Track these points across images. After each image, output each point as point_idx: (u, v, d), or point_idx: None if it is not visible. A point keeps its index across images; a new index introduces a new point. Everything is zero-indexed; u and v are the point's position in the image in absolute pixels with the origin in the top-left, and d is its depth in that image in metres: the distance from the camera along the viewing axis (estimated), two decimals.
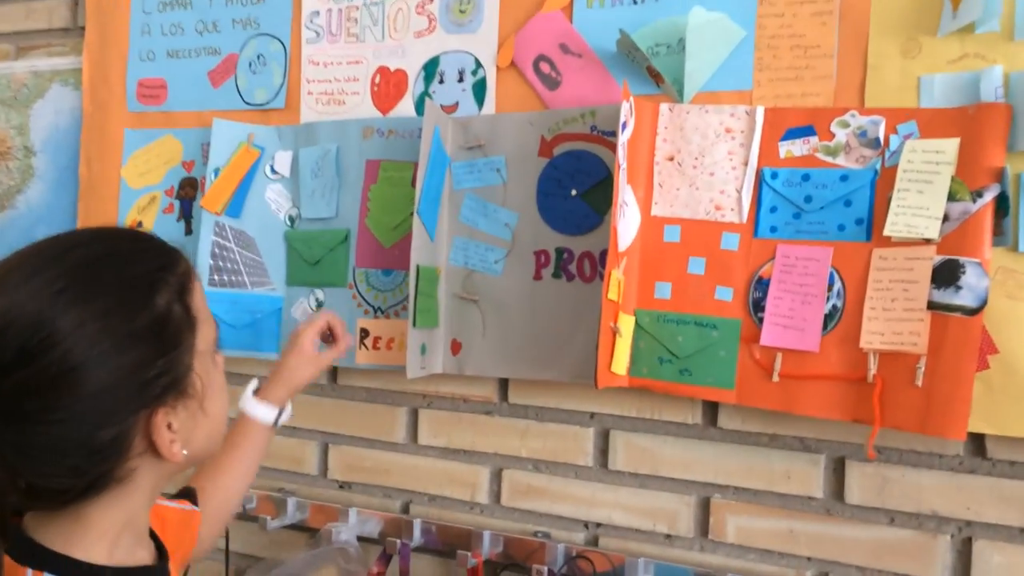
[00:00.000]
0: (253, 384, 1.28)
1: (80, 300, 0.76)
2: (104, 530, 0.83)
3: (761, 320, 1.29)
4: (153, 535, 0.93)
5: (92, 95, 1.84)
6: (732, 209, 1.32)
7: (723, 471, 1.36)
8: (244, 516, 1.67)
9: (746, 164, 1.31)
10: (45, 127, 1.93)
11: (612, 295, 1.28)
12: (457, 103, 1.51)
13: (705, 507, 1.38)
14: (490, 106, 1.49)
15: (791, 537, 1.32)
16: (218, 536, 1.24)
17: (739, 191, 1.31)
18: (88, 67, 1.84)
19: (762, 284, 1.29)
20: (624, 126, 1.28)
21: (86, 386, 0.75)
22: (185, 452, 0.84)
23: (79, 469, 0.78)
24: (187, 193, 1.73)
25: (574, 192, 1.41)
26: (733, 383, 1.31)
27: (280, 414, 1.27)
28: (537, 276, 1.44)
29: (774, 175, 1.29)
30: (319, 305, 1.60)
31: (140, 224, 1.77)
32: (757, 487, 1.34)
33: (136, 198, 1.78)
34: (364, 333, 1.56)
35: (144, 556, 0.89)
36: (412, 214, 1.39)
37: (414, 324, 1.38)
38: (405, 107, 1.56)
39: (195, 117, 1.73)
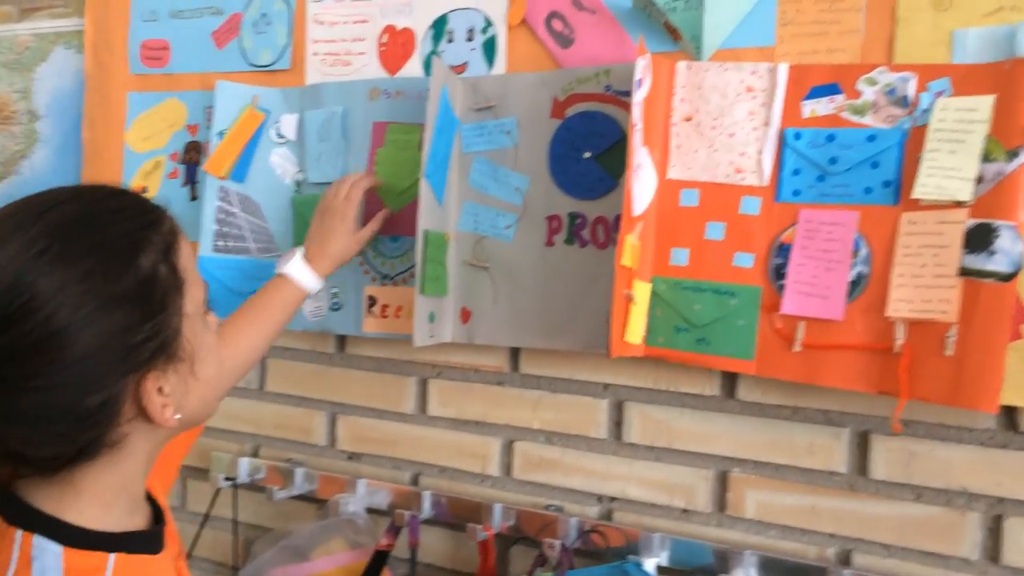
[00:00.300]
0: (299, 250, 1.34)
1: (61, 262, 0.74)
2: (97, 494, 0.82)
3: (782, 288, 1.24)
4: (150, 498, 0.92)
5: (95, 57, 1.80)
6: (753, 172, 1.26)
7: (742, 444, 1.32)
8: (252, 486, 1.65)
9: (768, 124, 1.25)
10: (49, 91, 1.90)
11: (626, 261, 1.24)
12: (466, 63, 1.46)
13: (723, 481, 1.34)
14: (501, 66, 1.44)
15: (813, 513, 1.28)
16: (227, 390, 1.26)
17: (760, 153, 1.26)
18: (90, 28, 1.80)
19: (784, 250, 1.24)
20: (639, 84, 1.22)
21: (70, 351, 0.73)
22: (178, 416, 0.82)
23: (67, 436, 0.77)
24: (191, 158, 1.70)
25: (587, 155, 1.36)
26: (753, 353, 1.26)
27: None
28: (549, 242, 1.39)
29: (797, 136, 1.23)
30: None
31: (145, 190, 1.74)
32: (778, 461, 1.30)
33: (140, 163, 1.75)
34: (372, 301, 1.52)
35: (140, 519, 0.88)
36: (419, 178, 1.34)
37: (422, 291, 1.34)
38: (413, 67, 1.51)
39: (199, 79, 1.69)
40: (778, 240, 1.25)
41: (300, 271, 1.32)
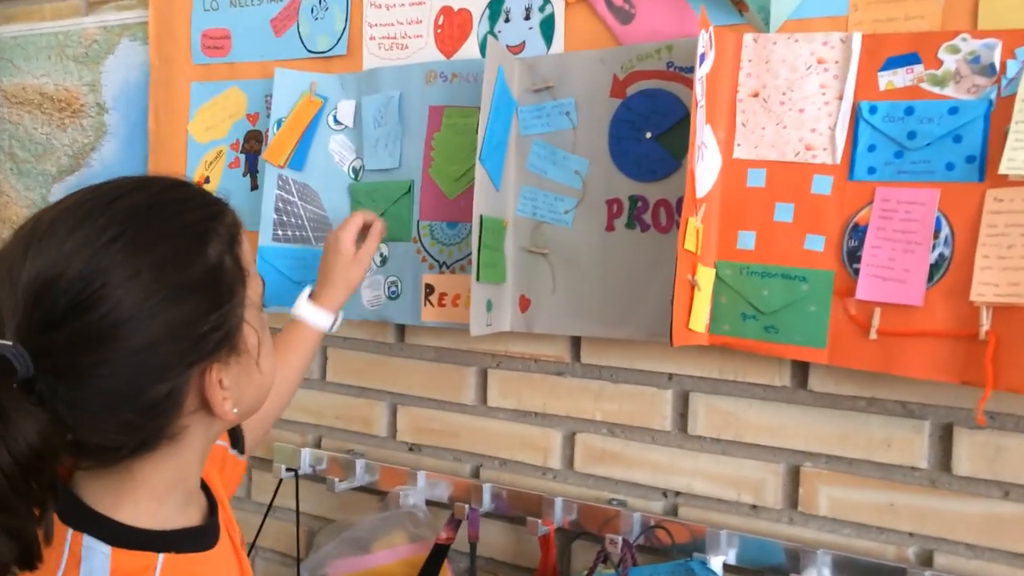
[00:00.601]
0: (307, 290, 1.33)
1: (133, 249, 0.74)
2: (154, 487, 0.82)
3: (857, 271, 1.17)
4: (204, 487, 0.91)
5: (158, 48, 1.82)
6: (824, 149, 1.20)
7: (814, 438, 1.26)
8: (314, 477, 1.65)
9: (841, 98, 1.18)
10: (116, 83, 1.93)
11: (689, 245, 1.19)
12: (524, 42, 1.42)
13: (795, 476, 1.28)
14: (559, 44, 1.39)
15: (891, 511, 1.21)
16: (261, 441, 1.29)
17: (832, 129, 1.19)
18: (154, 20, 1.82)
19: (858, 232, 1.17)
20: (702, 59, 1.17)
21: (139, 339, 0.73)
22: (235, 410, 0.83)
23: (132, 425, 0.76)
24: (252, 147, 1.70)
25: (649, 135, 1.31)
26: (825, 341, 1.19)
27: (336, 320, 1.34)
28: (609, 227, 1.35)
29: (873, 109, 1.16)
30: (383, 261, 1.54)
31: (207, 180, 1.75)
32: (853, 456, 1.23)
33: (203, 153, 1.76)
34: (429, 289, 1.49)
35: (194, 514, 0.88)
36: (475, 162, 1.31)
37: (478, 278, 1.31)
38: (470, 49, 1.47)
39: (259, 68, 1.69)
40: (852, 221, 1.18)
41: (308, 312, 1.32)
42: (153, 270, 0.74)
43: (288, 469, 1.63)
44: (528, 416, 1.48)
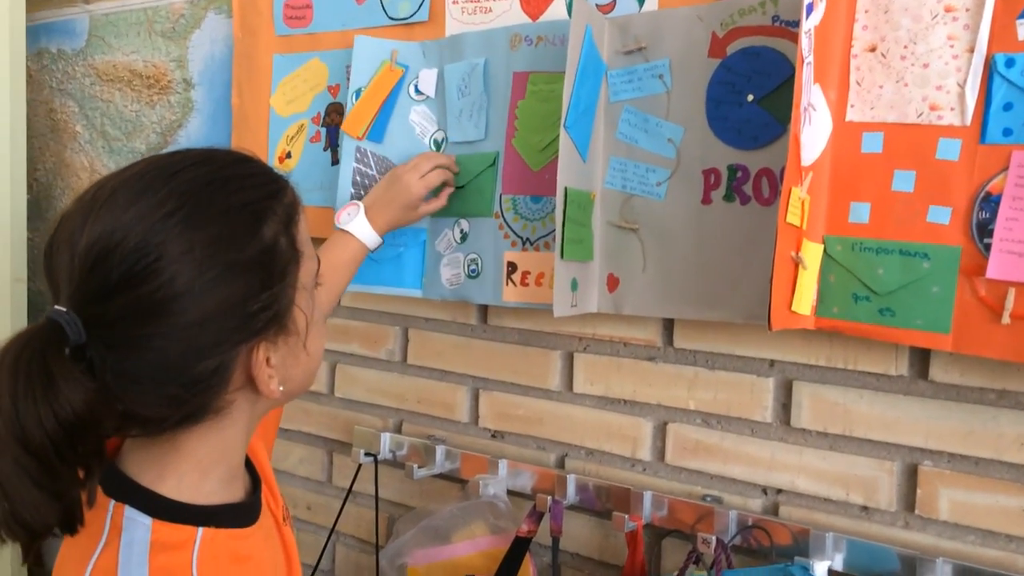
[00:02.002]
0: (362, 207, 1.38)
1: (190, 224, 0.75)
2: (197, 460, 0.82)
3: (988, 247, 1.05)
4: (248, 464, 0.92)
5: (242, 20, 1.80)
6: (952, 109, 1.07)
7: (935, 434, 1.14)
8: (394, 463, 1.61)
9: (972, 51, 1.06)
10: (202, 58, 1.92)
11: (792, 219, 1.08)
12: (614, 2, 1.33)
13: (912, 476, 1.16)
14: (652, 1, 1.30)
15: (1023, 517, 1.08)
16: None
17: (962, 85, 1.07)
18: None
19: (990, 202, 1.05)
20: (809, 9, 1.06)
21: (191, 314, 0.74)
22: (282, 388, 0.83)
23: (178, 398, 0.77)
24: (333, 120, 1.66)
25: (751, 98, 1.21)
26: (949, 326, 1.08)
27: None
28: (706, 199, 1.25)
29: (1010, 63, 1.04)
30: (463, 238, 1.48)
31: (289, 155, 1.72)
32: (980, 455, 1.11)
33: (285, 127, 1.73)
34: (512, 267, 1.42)
35: (237, 490, 0.88)
36: (559, 130, 1.24)
37: (562, 255, 1.24)
38: (557, 9, 1.40)
39: (340, 37, 1.65)
40: (983, 190, 1.06)
41: (363, 228, 1.37)
42: (208, 247, 0.75)
43: (367, 454, 1.60)
44: (617, 404, 1.40)
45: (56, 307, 0.74)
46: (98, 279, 0.73)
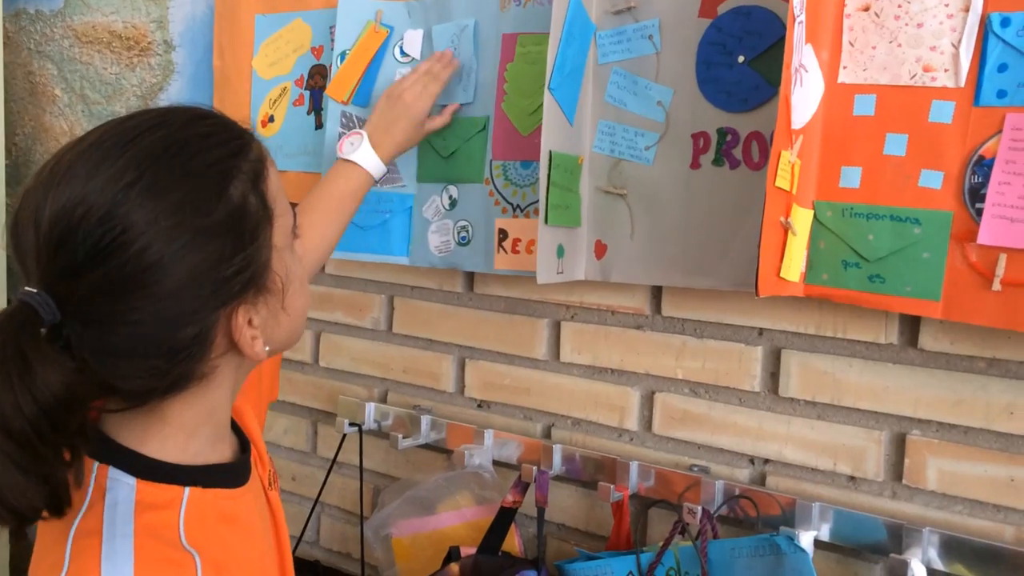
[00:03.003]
0: (366, 135, 1.35)
1: (152, 193, 0.74)
2: (182, 424, 0.82)
3: (980, 212, 1.05)
4: (235, 426, 0.92)
5: None
6: (946, 70, 1.07)
7: (924, 402, 1.14)
8: (379, 433, 1.61)
9: (967, 10, 1.05)
10: (182, 19, 1.91)
11: (782, 183, 1.08)
12: None
13: (900, 445, 1.17)
14: None
15: (1012, 487, 1.09)
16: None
17: (956, 46, 1.06)
18: None
19: (983, 166, 1.05)
20: None
21: (163, 285, 0.73)
22: (267, 348, 0.83)
23: (159, 370, 0.77)
24: (316, 83, 1.65)
25: (742, 59, 1.20)
26: (940, 293, 1.08)
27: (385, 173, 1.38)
28: (695, 164, 1.25)
29: (1005, 22, 1.03)
30: (452, 204, 1.48)
31: (272, 118, 1.71)
32: (968, 423, 1.12)
33: (268, 90, 1.72)
34: (502, 235, 1.42)
35: (224, 450, 0.88)
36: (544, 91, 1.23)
37: (546, 221, 1.23)
38: None
39: None
40: (976, 154, 1.05)
41: (368, 157, 1.34)
42: (173, 214, 0.74)
43: (352, 424, 1.60)
44: (604, 373, 1.41)
45: (27, 288, 0.73)
46: (65, 257, 0.72)
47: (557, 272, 1.29)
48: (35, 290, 0.72)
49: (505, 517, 1.37)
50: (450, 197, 1.48)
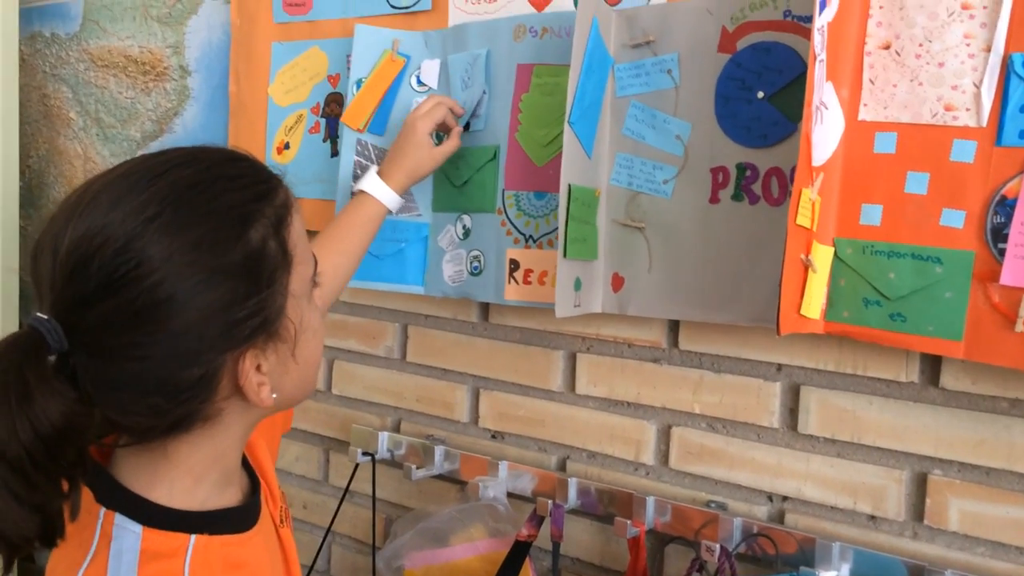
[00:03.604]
0: (375, 167, 1.37)
1: (171, 228, 0.74)
2: (190, 467, 0.82)
3: (1002, 253, 1.05)
4: (246, 464, 0.92)
5: (240, 7, 1.80)
6: (967, 109, 1.07)
7: (945, 442, 1.14)
8: (392, 462, 1.61)
9: (989, 50, 1.06)
10: (199, 45, 1.92)
11: (803, 220, 1.08)
12: None
13: (921, 485, 1.16)
14: None
15: None
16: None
17: (978, 86, 1.06)
18: None
19: (1005, 206, 1.05)
20: (823, 5, 1.06)
21: (173, 322, 0.73)
22: (275, 396, 0.82)
23: (161, 408, 0.76)
24: (332, 110, 1.66)
25: (761, 94, 1.21)
26: (961, 333, 1.07)
27: (400, 204, 1.38)
28: (714, 198, 1.25)
29: None
30: (466, 234, 1.48)
31: (287, 146, 1.72)
32: (991, 464, 1.11)
33: (284, 117, 1.74)
34: (514, 265, 1.42)
35: (233, 494, 0.88)
36: (564, 125, 1.24)
37: (565, 254, 1.24)
38: (563, 1, 1.39)
39: (340, 25, 1.65)
40: (998, 194, 1.05)
41: (377, 186, 1.35)
42: (190, 251, 0.74)
43: (365, 453, 1.61)
44: (620, 406, 1.41)
45: (38, 315, 0.73)
46: (78, 285, 0.72)
47: (575, 305, 1.29)
48: (45, 316, 0.72)
49: (520, 551, 1.37)
50: (464, 227, 1.49)
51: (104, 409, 0.75)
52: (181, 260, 0.73)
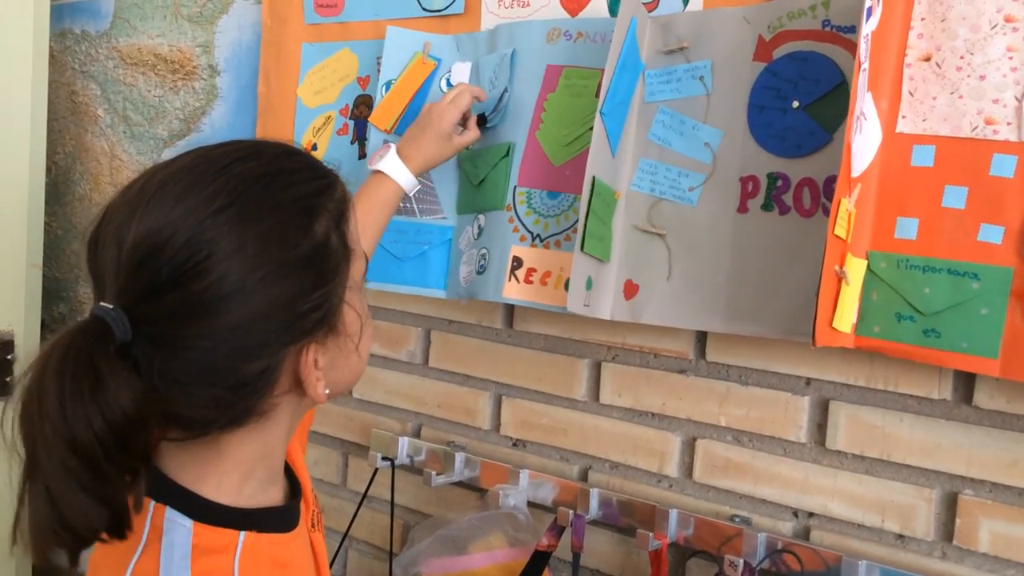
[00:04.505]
0: (394, 147, 1.37)
1: (241, 221, 0.75)
2: (239, 462, 0.82)
3: None
4: (288, 470, 0.92)
5: (271, 7, 1.81)
6: (1008, 123, 1.06)
7: (977, 462, 1.13)
8: (411, 468, 1.61)
9: None
10: (228, 44, 1.94)
11: (840, 231, 1.07)
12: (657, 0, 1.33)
13: (951, 504, 1.15)
14: (697, 1, 1.30)
15: None
16: None
17: (1020, 99, 1.06)
18: None
19: None
20: (868, 13, 1.05)
21: (239, 314, 0.74)
22: (328, 391, 0.83)
23: (224, 400, 0.77)
24: (362, 112, 1.66)
25: (796, 104, 1.20)
26: (997, 350, 1.06)
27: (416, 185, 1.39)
28: (742, 208, 1.24)
29: None
30: (479, 233, 1.47)
31: (315, 147, 1.73)
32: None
33: (312, 118, 1.74)
34: (516, 262, 1.40)
35: (275, 494, 0.88)
36: (593, 124, 1.23)
37: (582, 247, 1.22)
38: (596, 7, 1.39)
39: (372, 27, 1.65)
40: None
41: (395, 167, 1.35)
42: (259, 244, 0.75)
43: (384, 458, 1.60)
44: (644, 416, 1.40)
45: (102, 304, 0.73)
46: (146, 276, 0.73)
47: (584, 304, 1.28)
48: (111, 306, 0.73)
49: (539, 561, 1.36)
50: (479, 226, 1.48)
51: (167, 401, 0.75)
52: (251, 252, 0.74)
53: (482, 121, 1.45)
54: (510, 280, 1.40)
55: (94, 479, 0.69)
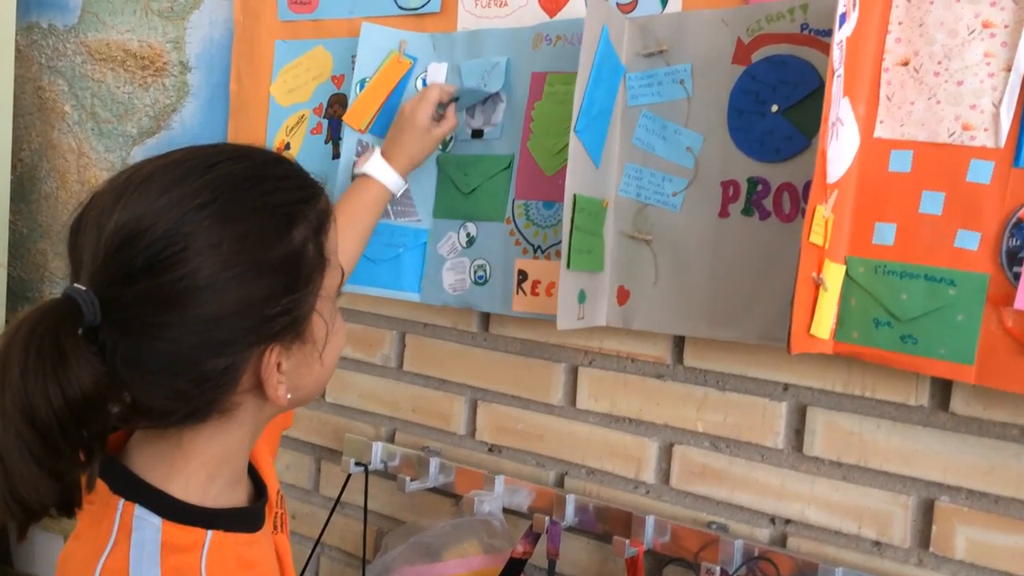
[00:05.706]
0: (378, 149, 1.40)
1: (221, 218, 0.78)
2: (204, 462, 0.85)
3: (1017, 276, 1.05)
4: (252, 472, 0.95)
5: (244, 3, 1.81)
6: (986, 129, 1.08)
7: (954, 468, 1.14)
8: (385, 474, 1.61)
9: (1009, 70, 1.06)
10: (200, 40, 1.93)
11: (816, 238, 1.09)
12: (635, 1, 1.34)
13: (928, 511, 1.17)
14: (676, 3, 1.31)
15: None
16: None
17: (997, 105, 1.07)
18: None
19: (1022, 229, 1.06)
20: (843, 19, 1.07)
21: (209, 308, 0.77)
22: (289, 396, 0.85)
23: (185, 393, 0.79)
24: (336, 111, 1.66)
25: (775, 108, 1.21)
26: (973, 357, 1.08)
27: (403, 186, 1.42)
28: (723, 213, 1.26)
29: None
30: (470, 242, 1.49)
31: (288, 146, 1.73)
32: (1000, 492, 1.12)
33: (285, 117, 1.74)
34: (522, 276, 1.43)
35: (240, 494, 0.91)
36: (570, 134, 1.24)
37: (568, 265, 1.24)
38: (575, 7, 1.40)
39: (346, 25, 1.65)
40: (1015, 216, 1.06)
41: (381, 169, 1.38)
42: (235, 243, 0.77)
43: (358, 464, 1.60)
44: (621, 422, 1.41)
45: (75, 285, 0.76)
46: (122, 262, 0.75)
47: (578, 318, 1.29)
48: (83, 288, 0.75)
49: (514, 568, 1.37)
50: (468, 234, 1.49)
51: (130, 388, 0.78)
52: (226, 250, 0.77)
53: (479, 136, 1.47)
54: (518, 293, 1.43)
55: (48, 453, 0.71)
